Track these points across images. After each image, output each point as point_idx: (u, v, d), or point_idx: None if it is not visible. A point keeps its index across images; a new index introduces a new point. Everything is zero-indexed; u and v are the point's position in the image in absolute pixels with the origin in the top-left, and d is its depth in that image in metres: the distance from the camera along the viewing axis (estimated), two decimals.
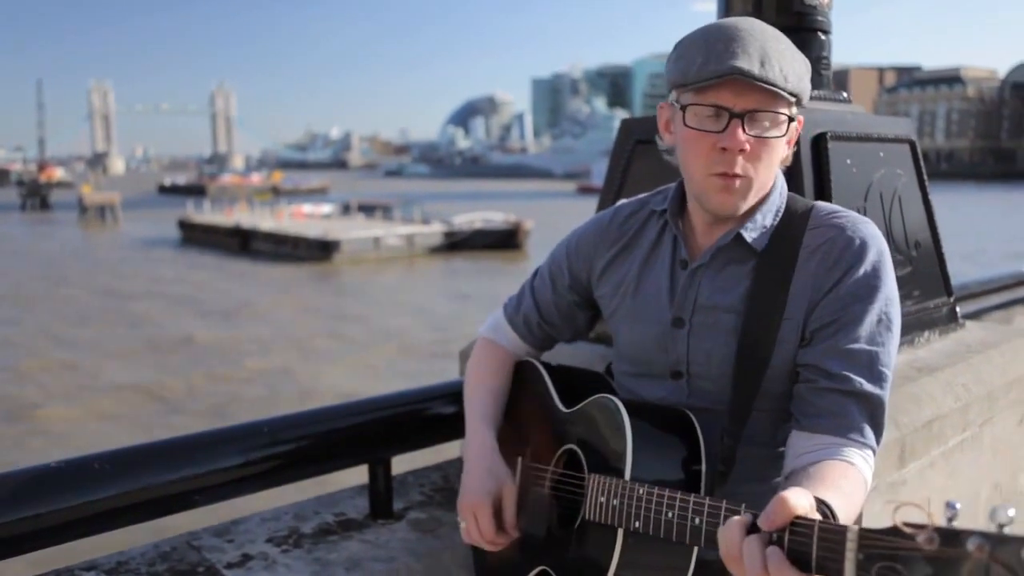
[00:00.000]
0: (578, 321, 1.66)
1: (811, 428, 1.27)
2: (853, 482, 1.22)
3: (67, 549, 1.97)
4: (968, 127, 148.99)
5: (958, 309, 2.55)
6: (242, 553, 1.88)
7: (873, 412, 1.28)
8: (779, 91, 1.25)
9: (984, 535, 0.78)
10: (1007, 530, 0.78)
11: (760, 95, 1.25)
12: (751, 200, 1.34)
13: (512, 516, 1.50)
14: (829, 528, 0.94)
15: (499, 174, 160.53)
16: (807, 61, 1.34)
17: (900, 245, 2.27)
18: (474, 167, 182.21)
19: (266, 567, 1.83)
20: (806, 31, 2.25)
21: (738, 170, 1.28)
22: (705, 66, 1.25)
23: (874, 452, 1.28)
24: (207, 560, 1.85)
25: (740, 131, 1.26)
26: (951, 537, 0.80)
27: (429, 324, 21.19)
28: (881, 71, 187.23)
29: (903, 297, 2.24)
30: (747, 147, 1.27)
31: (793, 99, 1.28)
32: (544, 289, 1.65)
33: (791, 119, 1.30)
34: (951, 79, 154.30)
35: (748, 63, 1.23)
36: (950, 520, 0.82)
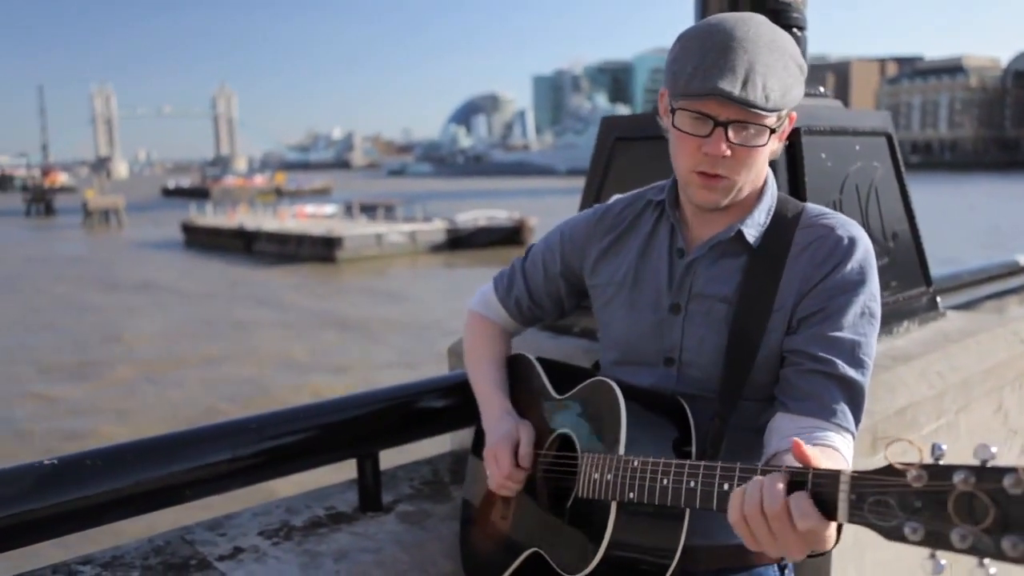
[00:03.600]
0: (565, 305, 1.74)
1: (796, 411, 1.32)
2: (836, 463, 1.26)
3: (63, 545, 2.03)
4: (971, 117, 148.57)
5: (939, 299, 2.58)
6: (234, 546, 1.93)
7: (854, 397, 1.33)
8: (758, 111, 1.28)
9: (968, 468, 0.83)
10: (990, 464, 0.83)
11: (744, 109, 1.29)
12: (732, 196, 1.39)
13: (527, 449, 1.55)
14: (822, 473, 1.01)
15: (502, 172, 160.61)
16: (802, 66, 1.36)
17: (877, 236, 2.31)
18: (477, 165, 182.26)
19: (256, 559, 1.88)
20: (780, 28, 2.28)
21: (720, 171, 1.34)
22: (692, 79, 1.29)
23: (853, 436, 1.33)
24: (199, 553, 1.90)
25: (723, 139, 1.31)
26: (938, 472, 0.86)
27: None
28: (882, 63, 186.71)
29: (881, 287, 2.29)
30: (728, 153, 1.32)
31: (775, 113, 1.31)
32: (536, 273, 1.71)
33: (774, 132, 1.34)
34: (953, 69, 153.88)
35: (731, 83, 1.26)
36: (937, 459, 0.88)
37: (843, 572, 1.80)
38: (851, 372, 1.33)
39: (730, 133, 1.31)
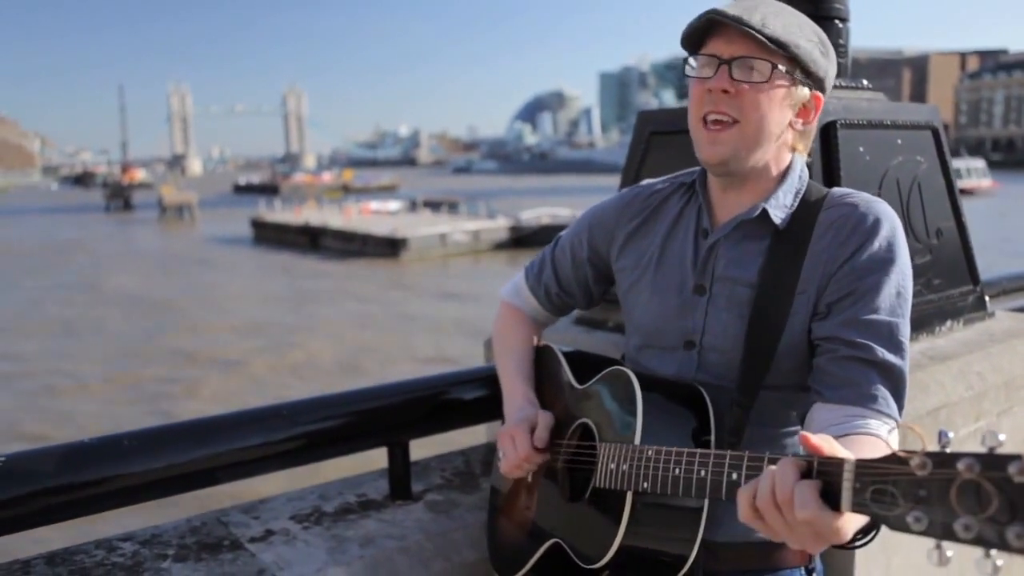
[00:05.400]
0: (593, 292, 1.74)
1: (835, 399, 1.28)
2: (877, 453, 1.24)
3: (108, 522, 2.12)
4: None
5: (988, 298, 2.50)
6: (266, 529, 1.99)
7: (896, 383, 1.29)
8: (754, 34, 1.30)
9: (974, 456, 0.80)
10: (997, 451, 0.80)
11: (746, 43, 1.32)
12: (745, 155, 1.37)
13: (544, 433, 1.55)
14: (827, 461, 0.99)
15: (567, 169, 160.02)
16: (823, 38, 1.39)
17: (919, 233, 2.25)
18: (542, 163, 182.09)
19: (286, 542, 1.93)
20: (821, 19, 2.22)
21: (723, 108, 1.35)
22: (694, 19, 1.36)
23: (898, 424, 1.29)
24: (233, 535, 1.97)
25: (727, 75, 1.34)
26: (942, 460, 0.83)
27: None
28: (963, 56, 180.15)
29: (922, 286, 2.24)
30: (729, 89, 1.33)
31: (779, 50, 1.32)
32: (564, 260, 1.72)
33: (777, 68, 1.33)
34: None
35: (730, 8, 1.33)
36: (943, 447, 0.85)
37: (868, 574, 1.77)
38: (890, 357, 1.29)
39: (733, 70, 1.33)
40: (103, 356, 18.42)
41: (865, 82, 2.38)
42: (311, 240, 40.26)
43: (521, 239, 37.76)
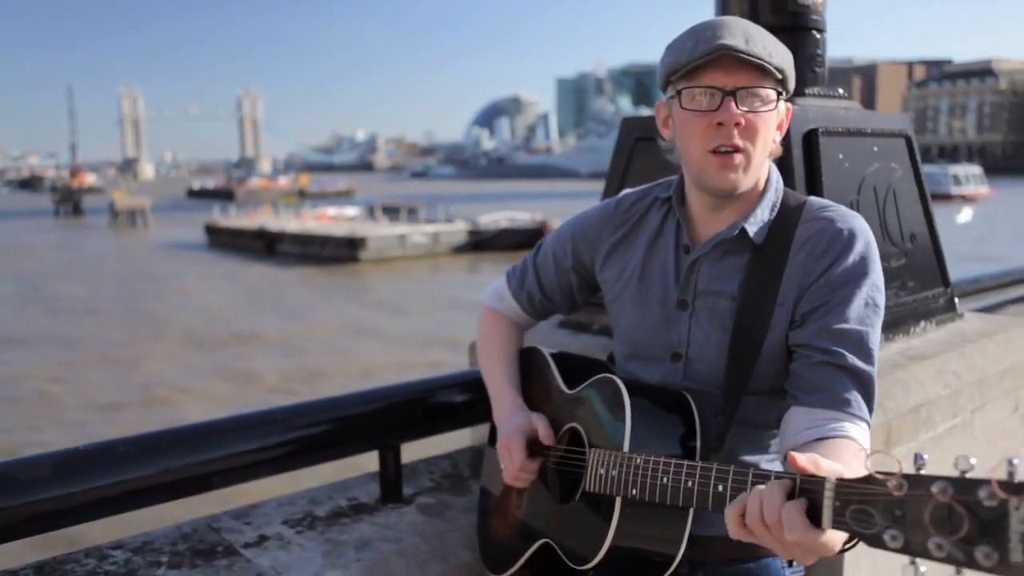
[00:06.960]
0: (577, 299, 1.77)
1: (809, 403, 1.34)
2: (859, 460, 1.27)
3: (97, 530, 2.09)
4: (1001, 120, 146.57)
5: (956, 300, 2.59)
6: (259, 534, 1.99)
7: (866, 386, 1.35)
8: (765, 64, 1.32)
9: (947, 479, 0.86)
10: (968, 476, 0.85)
11: (749, 73, 1.34)
12: (750, 178, 1.40)
13: (548, 431, 1.58)
14: (810, 480, 1.03)
15: (525, 174, 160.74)
16: (790, 53, 1.41)
17: (895, 237, 2.33)
18: (500, 168, 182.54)
19: (281, 547, 1.93)
20: (801, 30, 2.31)
21: (736, 141, 1.35)
22: (695, 48, 1.34)
23: (868, 425, 1.35)
24: (226, 540, 1.96)
25: (733, 106, 1.34)
26: (917, 482, 0.88)
27: None
28: (910, 65, 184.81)
29: (898, 288, 2.31)
30: (742, 121, 1.34)
31: (779, 75, 1.35)
32: (547, 267, 1.75)
33: (779, 94, 1.37)
34: (983, 72, 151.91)
35: (734, 41, 1.32)
36: (918, 469, 0.91)
37: (856, 569, 1.83)
38: (860, 363, 1.35)
39: (738, 101, 1.34)
40: None
41: (841, 91, 2.45)
42: (266, 245, 39.79)
43: (480, 243, 37.80)
